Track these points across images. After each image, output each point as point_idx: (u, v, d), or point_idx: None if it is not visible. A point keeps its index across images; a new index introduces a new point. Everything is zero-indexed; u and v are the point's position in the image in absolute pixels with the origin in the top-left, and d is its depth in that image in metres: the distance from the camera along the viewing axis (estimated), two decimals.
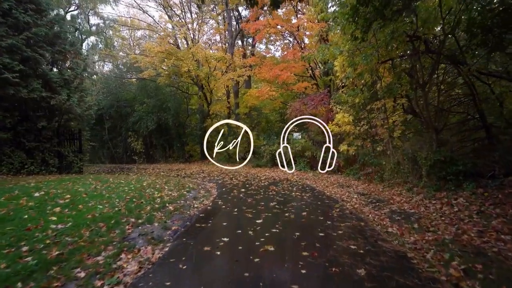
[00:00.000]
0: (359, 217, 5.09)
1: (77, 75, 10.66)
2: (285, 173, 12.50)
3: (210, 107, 18.15)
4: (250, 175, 12.48)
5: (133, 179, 9.14)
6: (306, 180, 10.40)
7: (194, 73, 15.43)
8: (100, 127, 21.43)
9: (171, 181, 9.49)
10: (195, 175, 13.41)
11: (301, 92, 17.71)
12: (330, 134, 9.93)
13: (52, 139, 10.37)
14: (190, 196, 7.13)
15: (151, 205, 5.60)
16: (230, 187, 9.02)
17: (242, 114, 19.84)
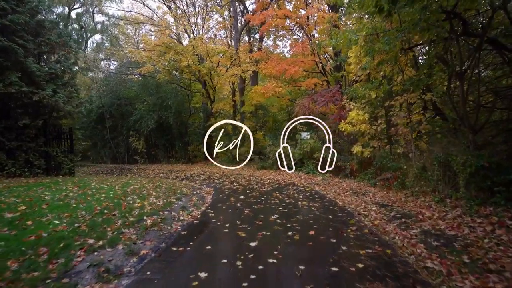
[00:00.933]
0: (383, 240, 3.95)
1: (65, 69, 9.82)
2: (292, 177, 11.38)
3: (213, 105, 17.16)
4: (254, 178, 11.43)
5: (121, 183, 8.21)
6: (315, 185, 9.27)
7: (194, 68, 14.44)
8: (102, 126, 20.77)
9: (163, 185, 8.52)
10: (195, 177, 12.46)
11: (311, 89, 16.54)
12: (330, 134, 9.78)
13: (37, 138, 9.56)
14: (179, 205, 6.12)
15: (125, 218, 4.61)
16: (228, 192, 7.98)
17: (247, 113, 18.80)
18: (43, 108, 9.44)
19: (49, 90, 8.88)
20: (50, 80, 9.38)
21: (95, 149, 22.93)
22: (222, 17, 21.69)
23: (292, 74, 13.54)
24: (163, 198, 6.44)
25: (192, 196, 7.37)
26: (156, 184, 8.54)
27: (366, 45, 6.77)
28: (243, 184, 9.74)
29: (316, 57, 15.42)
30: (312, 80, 15.57)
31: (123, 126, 19.95)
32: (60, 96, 9.14)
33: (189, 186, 9.38)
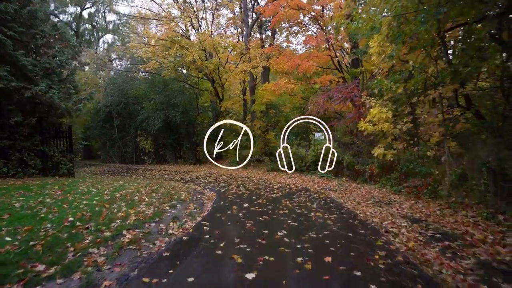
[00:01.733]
0: (426, 276, 2.94)
1: (62, 64, 9.23)
2: (304, 181, 10.38)
3: (222, 104, 16.35)
4: (262, 181, 10.51)
5: (115, 186, 7.47)
6: (330, 191, 8.24)
7: (200, 64, 13.65)
8: (110, 126, 20.39)
9: (161, 189, 7.74)
10: (200, 179, 11.67)
11: (325, 87, 15.46)
12: (330, 134, 9.80)
13: (33, 137, 9.02)
14: (171, 214, 5.27)
15: (98, 233, 3.79)
16: (232, 199, 7.10)
17: (257, 112, 17.92)
18: (39, 105, 8.88)
19: (42, 86, 8.29)
20: (45, 75, 8.81)
21: (104, 148, 22.64)
22: (232, 13, 20.91)
23: (305, 70, 12.54)
24: (155, 206, 5.63)
25: (190, 202, 6.53)
26: (154, 188, 7.76)
27: (393, 30, 5.72)
28: (250, 188, 8.84)
29: (331, 51, 14.36)
30: (327, 76, 14.50)
31: (131, 125, 19.48)
32: (55, 92, 8.53)
33: (190, 190, 8.56)
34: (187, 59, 13.04)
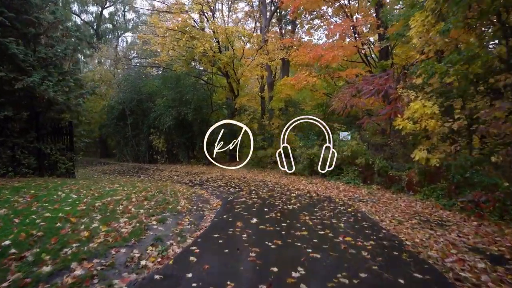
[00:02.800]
0: None
1: (60, 54, 8.42)
2: (327, 187, 8.94)
3: (236, 100, 15.17)
4: (278, 187, 9.18)
5: (104, 191, 6.43)
6: (360, 202, 6.76)
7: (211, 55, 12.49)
8: (123, 123, 19.86)
9: (158, 196, 6.63)
10: (210, 182, 10.55)
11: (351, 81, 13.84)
12: (330, 134, 9.47)
13: (27, 133, 8.27)
14: (156, 233, 4.09)
15: (31, 267, 2.66)
16: (239, 210, 5.85)
17: (276, 110, 16.58)
18: (36, 99, 8.11)
19: (35, 77, 7.47)
20: (41, 66, 8.03)
21: (119, 147, 22.24)
22: (250, 6, 19.71)
23: (329, 61, 11.07)
24: (139, 220, 4.48)
25: (187, 214, 5.34)
26: (149, 194, 6.66)
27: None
28: (263, 196, 7.55)
29: (358, 42, 12.76)
30: (353, 70, 12.91)
31: (144, 123, 18.80)
32: (49, 84, 7.70)
33: (194, 196, 7.41)
34: (197, 50, 11.96)
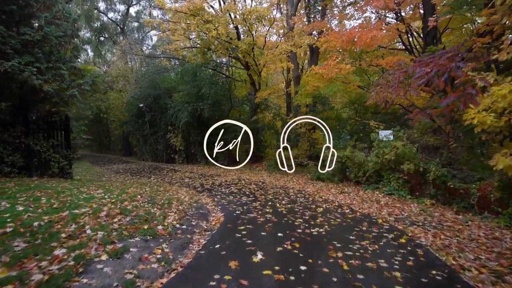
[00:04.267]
0: None
1: (50, 38, 7.33)
2: (363, 200, 7.01)
3: (257, 94, 13.54)
4: (302, 196, 7.43)
5: (71, 200, 5.08)
6: (414, 227, 4.81)
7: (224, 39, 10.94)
8: (142, 121, 19.08)
9: (142, 208, 5.19)
10: (222, 187, 9.09)
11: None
12: (330, 134, 9.23)
13: (12, 127, 7.30)
14: (91, 282, 2.58)
15: None
16: (243, 234, 4.23)
17: (303, 106, 14.75)
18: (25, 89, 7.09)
19: (14, 62, 6.41)
20: (25, 51, 6.99)
21: (138, 145, 21.64)
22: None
23: (366, 43, 9.05)
24: (82, 253, 3.00)
25: (166, 241, 3.80)
26: (132, 205, 5.23)
27: None
28: (280, 210, 5.86)
29: (400, 25, 10.56)
30: (395, 58, 10.73)
31: (161, 120, 17.84)
32: (32, 70, 6.61)
33: (193, 208, 5.91)
34: (210, 34, 10.50)
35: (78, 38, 9.79)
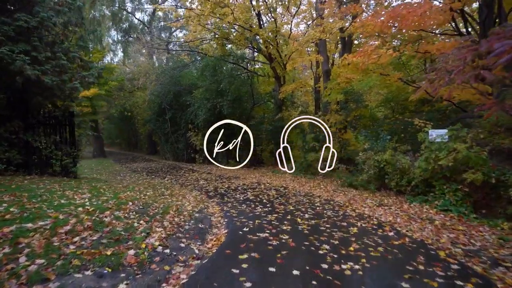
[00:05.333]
0: None
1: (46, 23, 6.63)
2: (409, 218, 5.44)
3: (281, 89, 12.20)
4: (330, 209, 6.02)
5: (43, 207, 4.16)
6: (501, 268, 3.24)
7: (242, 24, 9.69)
8: (163, 119, 18.56)
9: (125, 220, 4.14)
10: (237, 193, 7.96)
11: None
12: (330, 134, 9.15)
13: (9, 121, 6.70)
14: None
15: None
16: (243, 267, 2.98)
17: (333, 103, 13.18)
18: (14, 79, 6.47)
19: (5, 48, 5.74)
20: (21, 39, 6.34)
21: (161, 144, 21.27)
22: None
23: (414, 23, 7.38)
24: None
25: (129, 276, 2.66)
26: (113, 216, 4.20)
27: None
28: (301, 228, 4.56)
29: (455, 3, 8.64)
30: (449, 43, 8.86)
31: (182, 118, 17.14)
32: (24, 58, 5.91)
33: (191, 221, 4.80)
34: (226, 20, 9.36)
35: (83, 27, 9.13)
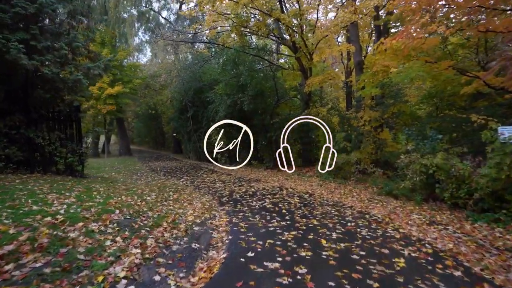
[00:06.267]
0: None
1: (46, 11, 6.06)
2: (478, 246, 3.99)
3: (307, 82, 10.89)
4: (364, 226, 4.74)
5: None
6: None
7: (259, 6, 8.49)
8: (185, 117, 18.06)
9: (108, 230, 3.24)
10: (254, 199, 6.97)
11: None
12: (330, 134, 8.96)
13: (8, 116, 6.23)
14: None
15: None
16: None
17: (367, 98, 11.67)
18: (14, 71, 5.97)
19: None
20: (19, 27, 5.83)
21: (184, 142, 20.86)
22: None
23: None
24: None
25: None
26: (77, 233, 3.32)
27: None
28: (325, 256, 3.38)
29: None
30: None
31: (204, 116, 16.46)
32: (18, 46, 5.34)
33: (184, 239, 3.82)
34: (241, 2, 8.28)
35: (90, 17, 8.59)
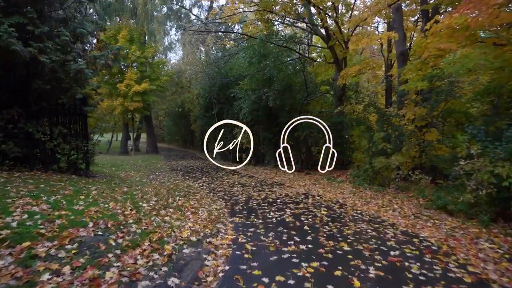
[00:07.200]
0: None
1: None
2: None
3: (341, 74, 9.48)
4: (413, 255, 3.43)
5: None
6: None
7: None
8: (210, 114, 17.42)
9: (59, 255, 2.37)
10: (272, 209, 5.95)
11: None
12: (330, 134, 8.93)
13: (6, 108, 5.79)
14: None
15: None
16: None
17: (412, 93, 10.03)
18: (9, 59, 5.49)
19: None
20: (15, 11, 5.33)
21: (209, 141, 20.24)
22: None
23: None
24: None
25: None
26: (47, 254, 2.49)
27: None
28: None
29: None
30: None
31: (229, 113, 15.69)
32: (9, 30, 4.80)
33: (166, 268, 2.84)
34: None
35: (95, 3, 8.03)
